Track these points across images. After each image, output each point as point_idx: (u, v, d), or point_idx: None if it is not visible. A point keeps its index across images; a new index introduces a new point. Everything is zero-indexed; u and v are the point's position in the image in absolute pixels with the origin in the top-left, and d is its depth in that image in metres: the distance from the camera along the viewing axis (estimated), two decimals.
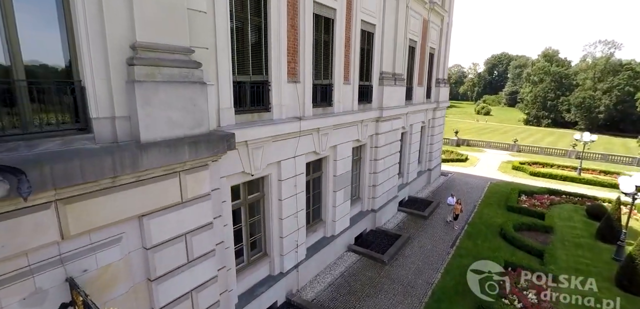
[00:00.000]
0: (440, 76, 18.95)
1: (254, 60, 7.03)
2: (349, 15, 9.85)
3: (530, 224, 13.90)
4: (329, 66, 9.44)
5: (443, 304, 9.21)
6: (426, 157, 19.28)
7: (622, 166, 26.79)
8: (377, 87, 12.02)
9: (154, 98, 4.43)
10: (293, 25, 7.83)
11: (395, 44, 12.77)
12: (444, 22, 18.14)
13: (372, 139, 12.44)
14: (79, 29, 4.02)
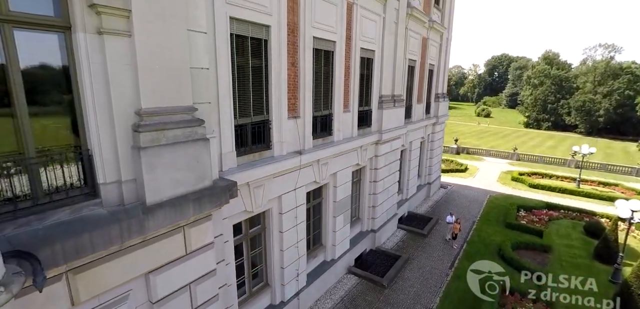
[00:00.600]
0: (439, 91, 19.08)
1: (255, 101, 7.18)
2: (348, 45, 10.00)
3: (529, 243, 14.03)
4: (329, 97, 9.59)
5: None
6: (426, 171, 19.42)
7: (621, 176, 26.88)
8: (376, 110, 12.16)
9: (159, 162, 4.58)
10: (293, 62, 7.98)
11: (394, 67, 12.91)
12: (443, 38, 18.27)
13: (372, 161, 12.59)
14: (86, 100, 4.17)
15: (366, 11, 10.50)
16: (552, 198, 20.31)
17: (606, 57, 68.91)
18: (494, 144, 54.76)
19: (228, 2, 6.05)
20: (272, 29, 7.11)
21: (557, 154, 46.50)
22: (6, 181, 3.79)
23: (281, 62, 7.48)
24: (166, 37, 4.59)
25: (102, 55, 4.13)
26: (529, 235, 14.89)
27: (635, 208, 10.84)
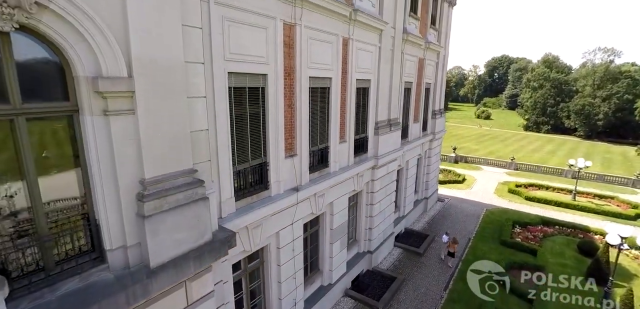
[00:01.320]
0: (436, 108, 19.34)
1: (252, 146, 7.47)
2: (344, 78, 10.27)
3: (523, 262, 14.32)
4: (325, 130, 9.87)
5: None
6: (423, 186, 19.70)
7: (618, 187, 27.14)
8: (372, 137, 12.44)
9: (162, 227, 4.88)
10: (290, 104, 8.27)
11: (390, 92, 13.18)
12: (439, 56, 18.53)
13: (368, 184, 12.87)
14: (93, 174, 4.47)
15: (362, 43, 10.77)
16: (548, 212, 20.59)
17: (605, 61, 68.97)
18: (493, 149, 55.07)
19: (227, 59, 6.33)
20: (269, 77, 7.40)
21: (555, 160, 46.86)
22: (21, 257, 4.10)
23: (278, 106, 7.77)
24: (168, 110, 4.88)
25: (108, 132, 4.42)
26: (523, 254, 15.19)
27: (624, 234, 11.11)
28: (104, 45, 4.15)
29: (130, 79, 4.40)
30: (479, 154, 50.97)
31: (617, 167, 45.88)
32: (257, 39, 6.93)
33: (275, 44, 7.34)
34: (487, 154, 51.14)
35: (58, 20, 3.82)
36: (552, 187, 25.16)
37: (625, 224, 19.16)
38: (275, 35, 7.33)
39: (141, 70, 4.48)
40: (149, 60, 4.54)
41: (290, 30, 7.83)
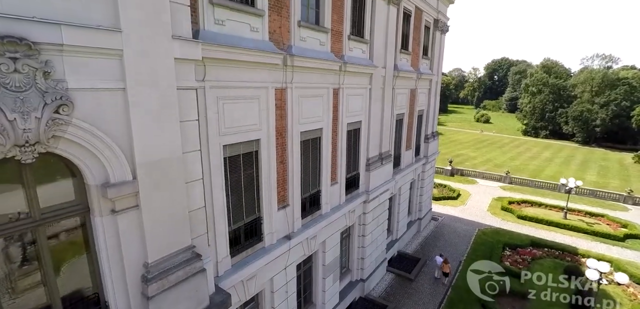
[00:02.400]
0: (429, 132, 19.87)
1: (247, 205, 8.03)
2: (335, 125, 10.82)
3: (510, 289, 14.85)
4: (317, 176, 10.42)
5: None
6: (416, 208, 20.23)
7: (610, 203, 27.59)
8: (364, 173, 13.00)
9: (164, 304, 5.46)
10: (282, 160, 8.83)
11: (381, 127, 13.72)
12: (432, 83, 19.05)
13: (360, 218, 13.42)
14: (102, 262, 5.06)
15: (352, 89, 11.31)
16: (539, 231, 21.12)
17: (603, 67, 69.29)
18: (490, 156, 55.53)
19: (222, 134, 6.90)
20: (262, 141, 7.95)
21: (552, 168, 47.30)
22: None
23: (270, 165, 8.33)
24: (168, 199, 5.46)
25: (115, 227, 5.00)
26: (512, 278, 15.72)
27: (603, 270, 11.65)
28: (111, 158, 4.72)
29: (134, 181, 4.98)
30: (477, 161, 51.62)
31: (612, 175, 46.37)
32: (250, 110, 7.49)
33: (267, 110, 7.91)
34: (485, 161, 51.80)
35: (71, 144, 4.39)
36: (544, 204, 25.66)
37: (613, 244, 19.76)
38: (268, 102, 7.89)
39: (144, 172, 5.06)
40: (151, 162, 5.12)
41: (281, 93, 8.40)
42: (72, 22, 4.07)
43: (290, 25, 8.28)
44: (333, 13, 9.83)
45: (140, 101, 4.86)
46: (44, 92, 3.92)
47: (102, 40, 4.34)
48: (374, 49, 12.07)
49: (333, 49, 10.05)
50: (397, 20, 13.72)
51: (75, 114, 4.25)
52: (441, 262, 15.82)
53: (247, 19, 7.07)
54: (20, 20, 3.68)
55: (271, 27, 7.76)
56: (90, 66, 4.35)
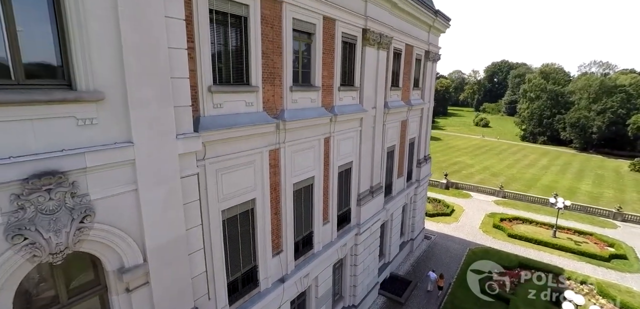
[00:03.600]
0: (421, 156, 20.63)
1: (244, 256, 8.84)
2: (326, 170, 11.61)
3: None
4: (309, 219, 11.21)
5: None
6: (408, 229, 21.01)
7: (600, 219, 28.27)
8: (355, 207, 13.79)
9: None
10: (276, 212, 9.64)
11: (372, 163, 14.50)
12: (423, 110, 19.79)
13: (352, 249, 14.21)
14: None
15: (343, 134, 12.09)
16: (528, 251, 21.89)
17: (600, 74, 69.83)
18: (488, 164, 56.17)
19: (220, 200, 7.71)
20: (257, 199, 8.75)
21: (548, 177, 47.95)
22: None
23: (265, 218, 9.12)
24: (174, 272, 6.29)
25: (129, 302, 5.83)
26: (498, 302, 16.53)
27: (579, 303, 12.43)
28: (125, 248, 5.54)
29: (145, 264, 5.80)
30: (474, 169, 52.29)
31: (607, 185, 47.00)
32: (246, 174, 8.29)
33: (262, 171, 8.71)
34: (482, 169, 52.49)
35: (93, 243, 5.21)
36: (535, 221, 26.42)
37: (598, 265, 20.50)
38: (262, 164, 8.69)
39: (153, 255, 5.88)
40: (159, 246, 5.94)
41: (275, 153, 9.20)
42: (93, 146, 4.89)
43: (282, 92, 9.08)
44: (323, 70, 10.62)
45: (150, 196, 5.68)
46: (72, 209, 4.74)
47: (118, 155, 5.16)
48: (364, 94, 12.85)
49: (324, 102, 10.84)
50: (387, 61, 14.49)
51: (96, 219, 5.07)
52: (435, 278, 17.37)
53: (243, 96, 7.88)
54: (52, 157, 4.50)
55: (265, 97, 8.56)
56: (108, 178, 5.16)
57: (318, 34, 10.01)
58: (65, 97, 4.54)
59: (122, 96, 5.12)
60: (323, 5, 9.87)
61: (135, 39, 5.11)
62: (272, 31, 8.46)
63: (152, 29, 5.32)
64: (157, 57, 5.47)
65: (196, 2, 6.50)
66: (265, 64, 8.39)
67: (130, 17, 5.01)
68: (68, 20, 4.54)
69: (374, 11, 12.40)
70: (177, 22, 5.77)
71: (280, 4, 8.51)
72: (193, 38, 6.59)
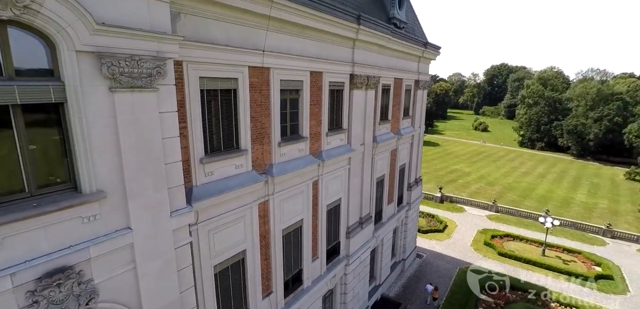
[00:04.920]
0: (412, 180, 21.25)
1: (235, 303, 9.51)
2: (315, 211, 12.28)
3: None
4: (298, 258, 11.89)
5: None
6: (400, 250, 21.65)
7: (590, 236, 28.80)
8: (344, 240, 14.46)
9: None
10: (266, 258, 10.32)
11: (361, 196, 15.15)
12: (414, 136, 20.42)
13: (342, 278, 14.89)
14: None
15: (331, 174, 12.75)
16: (517, 270, 22.54)
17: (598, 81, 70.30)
18: (485, 172, 56.71)
19: (212, 257, 8.40)
20: (247, 250, 9.43)
21: (544, 186, 48.49)
22: None
23: (255, 265, 9.79)
24: None
25: None
26: None
27: None
28: None
29: None
30: (470, 178, 52.85)
31: (602, 195, 47.50)
32: (236, 229, 8.97)
33: (251, 224, 9.38)
34: (479, 178, 53.05)
35: None
36: (526, 238, 27.05)
37: (584, 285, 21.12)
38: (252, 218, 9.37)
39: None
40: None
41: (264, 205, 9.88)
42: (96, 238, 5.58)
43: (271, 148, 9.76)
44: (311, 119, 11.28)
45: (146, 270, 6.37)
46: (78, 295, 5.43)
47: (118, 242, 5.84)
48: (352, 133, 13.51)
49: (312, 149, 11.51)
50: (376, 98, 15.15)
51: (100, 299, 5.76)
52: (432, 289, 18.98)
53: (233, 161, 8.56)
54: (61, 255, 5.19)
55: (254, 156, 9.23)
56: (110, 262, 5.85)
57: (305, 88, 10.69)
58: (72, 203, 5.22)
59: (121, 190, 5.80)
60: (310, 62, 10.55)
61: (132, 140, 5.79)
62: (260, 96, 9.14)
63: (147, 127, 6.00)
64: (152, 150, 6.15)
65: (188, 87, 7.19)
66: (253, 126, 9.07)
67: (127, 122, 5.69)
68: (73, 134, 5.22)
69: (361, 56, 13.06)
70: (170, 114, 6.46)
71: (268, 70, 9.19)
72: (185, 118, 7.29)
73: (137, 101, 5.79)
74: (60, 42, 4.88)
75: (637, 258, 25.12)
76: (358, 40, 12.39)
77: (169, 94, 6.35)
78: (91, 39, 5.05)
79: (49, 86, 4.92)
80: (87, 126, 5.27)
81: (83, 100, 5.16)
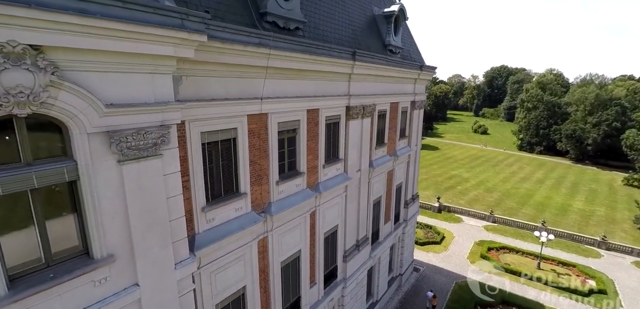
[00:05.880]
0: (408, 197, 21.65)
1: None
2: (312, 241, 12.68)
3: None
4: (296, 286, 12.31)
5: None
6: (397, 265, 22.06)
7: (585, 248, 29.18)
8: (341, 264, 14.88)
9: None
10: (265, 290, 10.75)
11: (358, 219, 15.57)
12: (411, 156, 20.81)
13: (339, 300, 15.32)
14: None
15: (328, 204, 13.16)
16: (512, 284, 22.95)
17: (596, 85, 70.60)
18: (484, 178, 57.04)
19: (214, 296, 8.83)
20: (247, 285, 9.87)
21: (542, 192, 48.87)
22: None
23: (255, 299, 10.22)
24: None
25: None
26: None
27: None
28: None
29: None
30: (469, 184, 53.19)
31: (600, 202, 47.83)
32: (237, 268, 9.41)
33: (251, 262, 9.81)
34: (477, 184, 53.41)
35: None
36: (521, 250, 27.46)
37: (577, 300, 21.53)
38: (251, 256, 9.80)
39: None
40: None
41: (263, 241, 10.31)
42: (106, 298, 6.00)
43: (269, 188, 10.18)
44: (308, 154, 11.70)
45: None
46: None
47: (127, 299, 6.25)
48: (348, 162, 13.92)
49: (309, 183, 11.93)
50: (372, 125, 15.55)
51: None
52: (431, 296, 19.83)
53: (233, 204, 8.99)
54: None
55: (253, 197, 9.66)
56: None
57: (302, 126, 11.10)
58: (85, 270, 5.64)
59: (129, 251, 6.23)
60: (306, 102, 10.97)
61: (139, 205, 6.22)
62: (258, 140, 9.57)
63: (153, 191, 6.42)
64: (158, 211, 6.57)
65: (190, 144, 7.62)
66: (252, 169, 9.50)
67: (134, 189, 6.11)
68: (85, 207, 5.64)
69: (356, 88, 13.46)
70: (174, 175, 6.88)
71: (266, 115, 9.61)
72: (188, 172, 7.72)
73: (143, 169, 6.21)
74: (73, 127, 5.31)
75: (631, 271, 25.54)
76: (353, 74, 12.79)
77: (173, 157, 6.77)
78: (101, 121, 5.47)
79: (63, 167, 5.35)
80: (98, 198, 5.69)
81: (94, 175, 5.58)
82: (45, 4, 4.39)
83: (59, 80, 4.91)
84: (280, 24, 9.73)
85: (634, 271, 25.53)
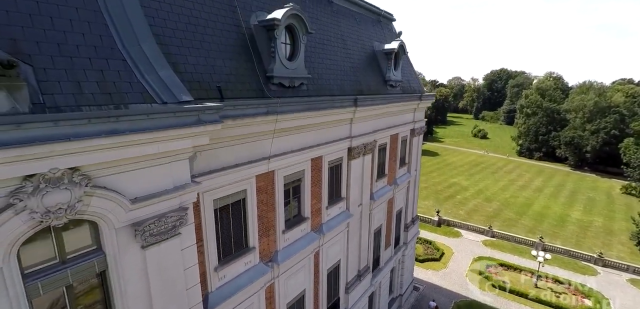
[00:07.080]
0: (408, 220, 22.17)
1: None
2: (316, 279, 13.22)
3: None
4: None
5: None
6: (397, 286, 22.60)
7: (582, 265, 29.73)
8: (343, 295, 15.41)
9: None
10: None
11: (359, 250, 16.09)
12: (410, 181, 21.32)
13: None
14: None
15: (331, 241, 13.69)
16: (509, 304, 23.52)
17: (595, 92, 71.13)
18: (483, 187, 57.49)
19: None
20: None
21: (541, 201, 49.37)
22: None
23: None
24: None
25: None
26: None
27: None
28: None
29: None
30: (469, 193, 53.65)
31: (598, 211, 48.29)
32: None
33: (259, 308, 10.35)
34: (477, 193, 53.91)
35: None
36: (519, 267, 28.02)
37: None
38: (259, 303, 10.32)
39: None
40: None
41: (270, 287, 10.84)
42: None
43: (276, 237, 10.71)
44: (312, 199, 12.22)
45: None
46: None
47: None
48: (350, 199, 14.43)
49: (313, 225, 12.46)
50: (373, 160, 16.06)
51: None
52: (433, 306, 20.74)
53: (243, 259, 9.52)
54: None
55: (261, 249, 10.19)
56: None
57: (307, 175, 11.62)
58: None
59: None
60: (310, 151, 11.48)
61: (160, 283, 6.74)
62: (266, 195, 10.09)
63: (172, 267, 6.95)
64: (176, 285, 7.09)
65: (204, 212, 8.15)
66: (260, 223, 10.02)
67: (155, 270, 6.64)
68: (112, 292, 6.17)
69: (358, 128, 13.96)
70: (190, 248, 7.40)
71: (273, 172, 10.14)
72: (201, 238, 8.24)
73: (164, 250, 6.73)
74: (103, 225, 5.83)
75: (626, 290, 26.08)
76: (355, 118, 13.31)
77: (189, 233, 7.29)
78: (127, 216, 6.00)
79: (94, 260, 5.87)
80: (124, 284, 6.23)
81: (121, 263, 6.12)
82: (81, 134, 4.92)
83: (91, 189, 5.44)
84: (285, 84, 10.23)
85: (629, 290, 26.07)
